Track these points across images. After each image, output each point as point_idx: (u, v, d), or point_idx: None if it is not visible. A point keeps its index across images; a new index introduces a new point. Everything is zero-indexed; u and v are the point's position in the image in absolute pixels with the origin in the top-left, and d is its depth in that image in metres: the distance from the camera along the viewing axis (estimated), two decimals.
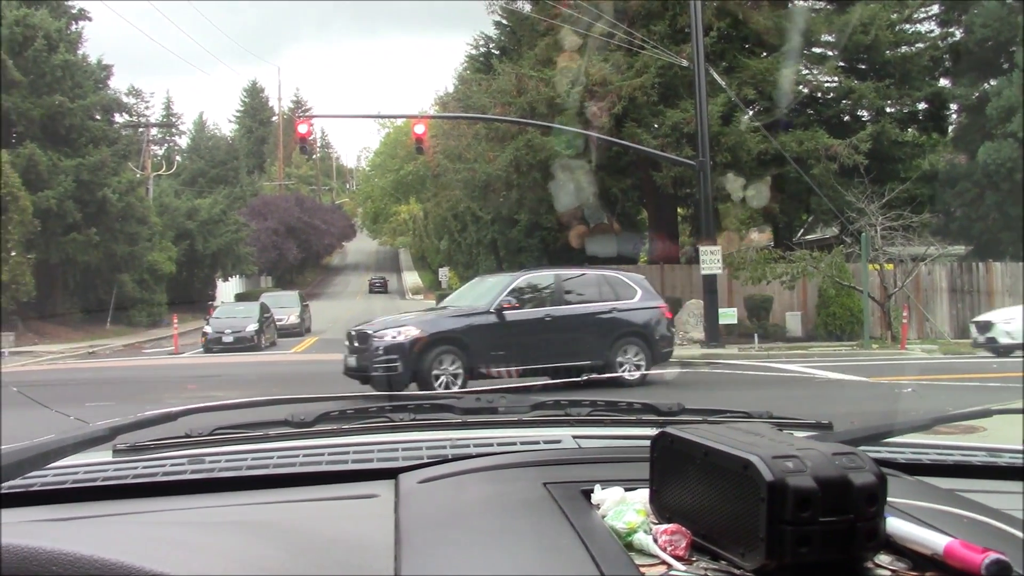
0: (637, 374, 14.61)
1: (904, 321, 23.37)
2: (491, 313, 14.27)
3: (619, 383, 14.07)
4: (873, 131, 27.09)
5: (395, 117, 71.04)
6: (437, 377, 13.31)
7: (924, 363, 19.39)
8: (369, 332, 13.62)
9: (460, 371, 13.49)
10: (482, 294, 15.26)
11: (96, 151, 34.35)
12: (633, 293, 15.84)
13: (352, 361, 13.62)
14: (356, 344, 13.66)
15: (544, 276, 15.95)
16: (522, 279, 15.28)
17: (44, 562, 1.05)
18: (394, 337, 13.38)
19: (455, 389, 12.54)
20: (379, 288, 69.25)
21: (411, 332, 13.52)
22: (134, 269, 37.42)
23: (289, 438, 1.87)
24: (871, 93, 28.05)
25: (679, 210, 35.80)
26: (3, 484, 1.48)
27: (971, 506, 1.40)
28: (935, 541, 1.16)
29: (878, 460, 1.36)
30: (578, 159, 27.35)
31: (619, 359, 14.89)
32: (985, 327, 19.76)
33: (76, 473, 1.64)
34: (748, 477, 1.11)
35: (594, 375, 12.66)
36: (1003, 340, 19.11)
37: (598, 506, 1.34)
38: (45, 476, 1.61)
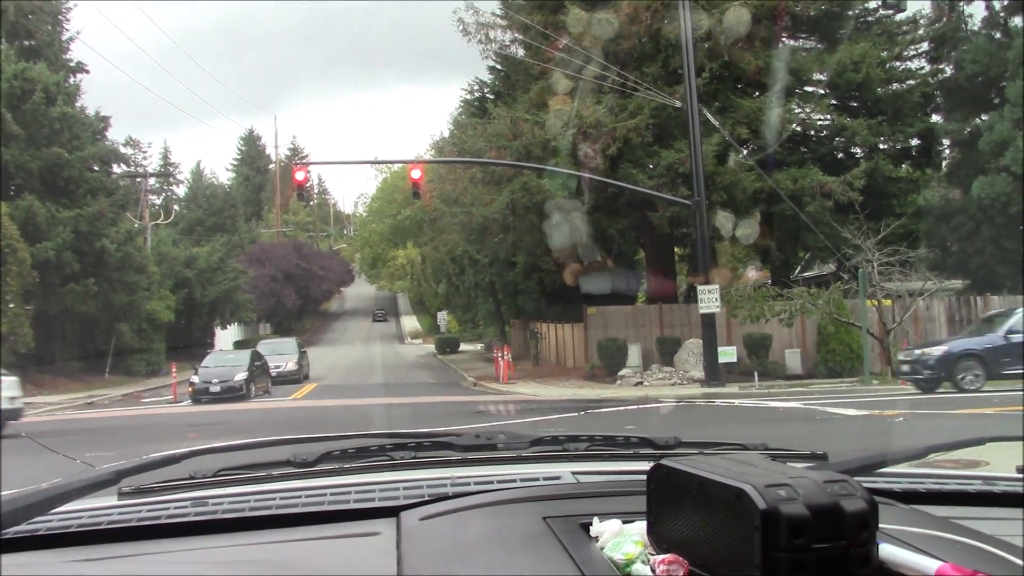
0: None
1: None
2: None
3: None
4: (867, 168, 27.23)
5: (391, 163, 71.36)
6: None
7: (925, 398, 19.36)
8: None
9: None
10: None
11: (94, 202, 34.46)
12: None
13: None
14: None
15: None
16: None
17: None
18: None
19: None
20: (381, 318, 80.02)
21: None
22: (133, 318, 37.36)
23: (292, 478, 1.89)
24: (864, 130, 28.23)
25: (676, 249, 35.90)
26: (10, 529, 1.50)
27: (965, 533, 1.42)
28: (927, 566, 1.18)
29: (874, 490, 1.38)
30: (572, 199, 27.50)
31: None
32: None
33: (81, 517, 1.66)
34: (742, 506, 1.13)
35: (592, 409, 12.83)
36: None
37: (597, 538, 1.36)
38: (51, 521, 1.62)
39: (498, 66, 37.22)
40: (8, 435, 11.51)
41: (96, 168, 37.27)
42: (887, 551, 1.21)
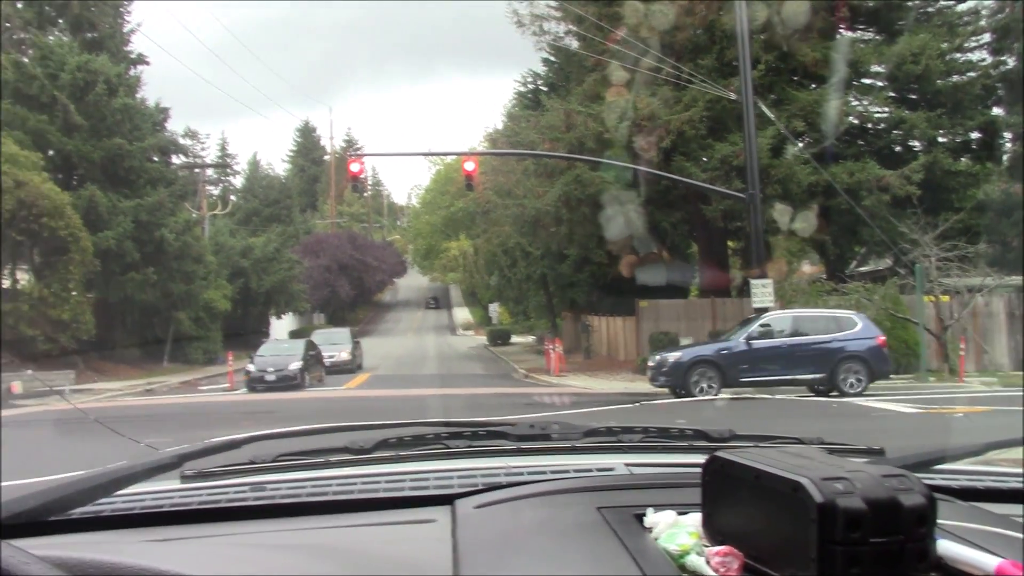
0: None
1: (962, 353, 22.95)
2: None
3: None
4: (926, 161, 26.75)
5: (445, 155, 71.51)
6: None
7: (983, 396, 19.01)
8: None
9: None
10: None
11: (154, 192, 35.09)
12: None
13: None
14: None
15: None
16: None
17: None
18: None
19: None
20: (433, 306, 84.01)
21: None
22: (190, 307, 37.95)
23: (348, 465, 1.92)
24: (923, 123, 27.72)
25: (729, 243, 35.59)
26: (77, 509, 1.54)
27: None
28: (986, 562, 1.16)
29: (932, 486, 1.36)
30: (627, 191, 27.36)
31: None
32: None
33: (144, 499, 1.70)
34: (799, 499, 1.13)
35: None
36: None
37: (651, 529, 1.36)
38: (115, 503, 1.67)
39: (552, 58, 37.15)
40: (75, 418, 11.75)
41: (156, 159, 37.95)
42: (945, 547, 1.20)
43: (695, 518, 1.36)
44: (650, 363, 20.55)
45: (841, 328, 19.64)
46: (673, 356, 19.62)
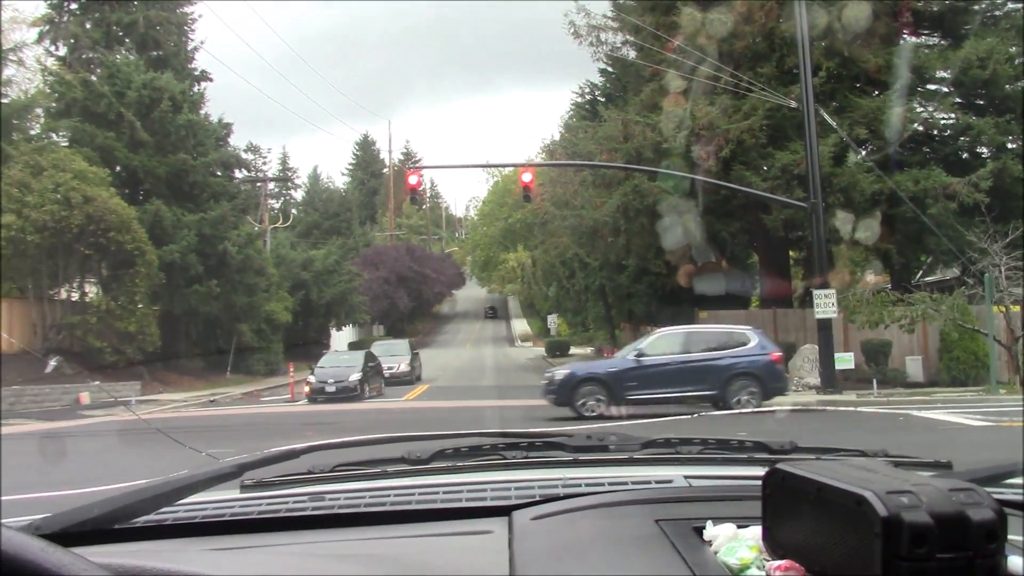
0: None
1: None
2: None
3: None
4: (994, 168, 26.16)
5: (503, 166, 71.75)
6: None
7: None
8: None
9: None
10: None
11: (217, 206, 35.72)
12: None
13: None
14: None
15: None
16: None
17: None
18: None
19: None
20: (491, 315, 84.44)
21: None
22: (252, 319, 38.50)
23: (406, 475, 1.93)
24: (990, 129, 27.14)
25: (791, 253, 35.17)
26: (141, 518, 1.57)
27: None
28: None
29: (1002, 501, 1.32)
30: (685, 200, 27.20)
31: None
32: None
33: (205, 509, 1.73)
34: (862, 513, 1.10)
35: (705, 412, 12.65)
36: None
37: (710, 542, 1.34)
38: (177, 512, 1.70)
39: (609, 68, 37.14)
40: (140, 428, 11.96)
41: (219, 173, 38.68)
42: (1016, 564, 1.17)
43: (755, 531, 1.34)
44: (542, 379, 20.23)
45: (735, 344, 19.15)
46: (561, 373, 19.17)
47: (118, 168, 33.75)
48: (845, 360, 23.54)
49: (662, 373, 18.59)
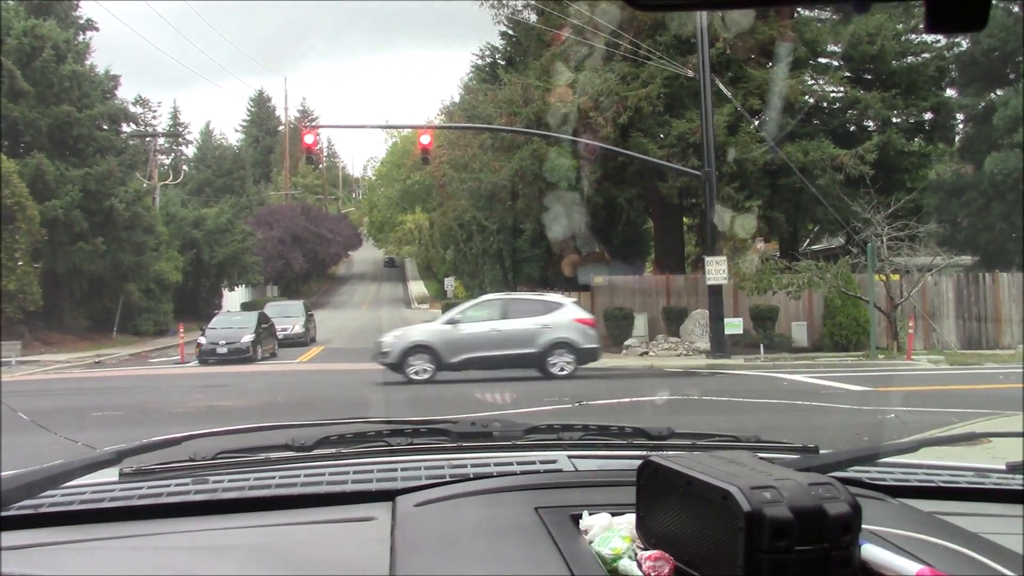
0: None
1: (910, 332, 23.37)
2: None
3: None
4: (879, 141, 27.06)
5: (401, 127, 71.12)
6: None
7: (930, 374, 19.40)
8: None
9: None
10: None
11: (103, 161, 34.50)
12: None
13: None
14: None
15: None
16: None
17: None
18: None
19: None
20: (389, 264, 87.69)
21: None
22: (141, 278, 37.48)
23: (290, 462, 1.92)
24: (877, 103, 28.02)
25: (684, 219, 35.81)
26: (13, 505, 1.52)
27: (951, 532, 1.44)
28: (907, 568, 1.20)
29: (865, 482, 1.39)
30: (571, 190, 27.44)
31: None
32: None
33: (83, 493, 1.69)
34: (728, 507, 1.15)
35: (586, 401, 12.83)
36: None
37: (586, 531, 1.38)
38: (54, 496, 1.65)
39: (510, 31, 36.98)
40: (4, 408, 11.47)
41: (105, 127, 37.26)
42: (869, 552, 1.24)
43: (629, 520, 1.38)
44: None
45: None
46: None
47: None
48: (734, 325, 24.18)
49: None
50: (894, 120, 29.73)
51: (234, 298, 52.62)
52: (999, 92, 30.07)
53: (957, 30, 0.96)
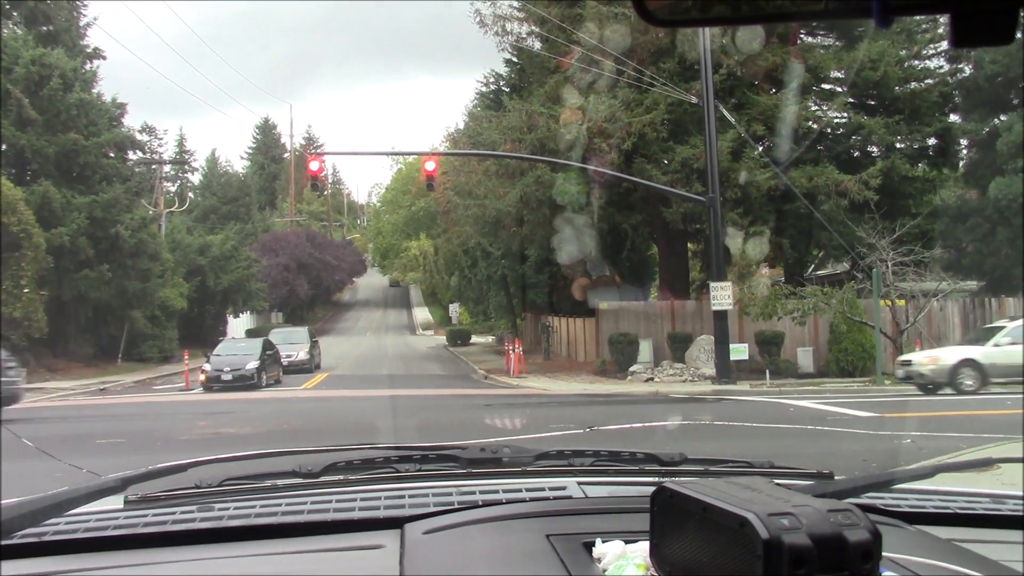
0: None
1: None
2: None
3: None
4: (883, 167, 27.07)
5: (406, 154, 71.30)
6: None
7: (937, 400, 19.31)
8: None
9: None
10: None
11: (109, 188, 34.61)
12: None
13: None
14: None
15: None
16: None
17: None
18: None
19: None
20: (395, 284, 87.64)
21: None
22: (146, 305, 37.48)
23: (297, 488, 1.89)
24: (881, 129, 28.07)
25: (689, 245, 35.82)
26: (17, 533, 1.50)
27: (969, 558, 1.41)
28: None
29: (881, 508, 1.36)
30: (580, 213, 27.47)
31: None
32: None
33: (88, 521, 1.66)
34: (745, 534, 1.12)
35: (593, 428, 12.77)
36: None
37: (599, 559, 1.35)
38: (57, 525, 1.63)
39: (514, 59, 37.14)
40: (9, 435, 11.35)
41: (112, 154, 37.39)
42: None
43: (643, 547, 1.36)
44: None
45: None
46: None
47: (4, 147, 32.40)
48: (739, 351, 24.13)
49: None
50: (898, 145, 29.78)
51: (239, 325, 52.64)
52: (1003, 117, 30.08)
53: (983, 44, 0.94)
